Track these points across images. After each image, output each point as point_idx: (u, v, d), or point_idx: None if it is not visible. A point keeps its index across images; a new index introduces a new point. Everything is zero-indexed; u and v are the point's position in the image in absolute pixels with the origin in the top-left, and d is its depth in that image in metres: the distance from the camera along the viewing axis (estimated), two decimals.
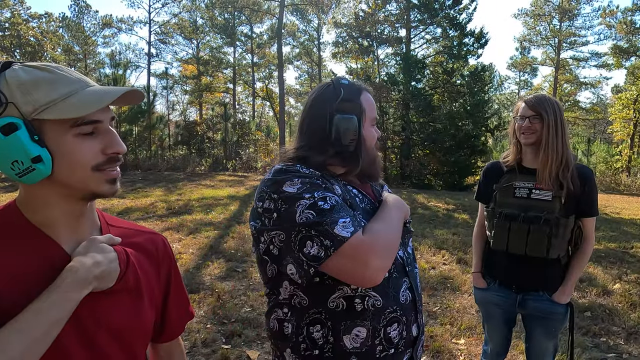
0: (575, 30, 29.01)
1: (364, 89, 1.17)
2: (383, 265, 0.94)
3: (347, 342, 1.01)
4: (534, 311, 1.86)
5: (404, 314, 1.06)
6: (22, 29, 27.87)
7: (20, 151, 0.65)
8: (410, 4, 16.07)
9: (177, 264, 0.96)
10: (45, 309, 0.64)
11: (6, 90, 0.66)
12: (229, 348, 2.96)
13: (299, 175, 1.02)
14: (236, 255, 5.20)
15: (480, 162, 15.91)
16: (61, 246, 0.74)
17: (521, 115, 1.82)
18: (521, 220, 1.78)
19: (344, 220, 0.94)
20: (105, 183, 0.73)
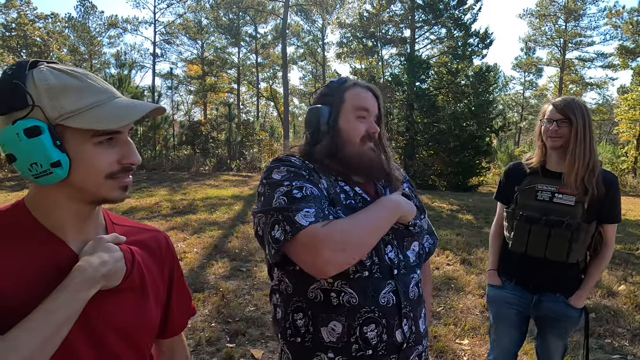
0: (581, 30, 28.87)
1: (355, 84, 1.19)
2: (334, 259, 0.92)
3: (324, 335, 1.04)
4: (548, 312, 1.85)
5: (384, 317, 1.04)
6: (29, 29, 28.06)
7: (42, 155, 0.66)
8: (414, 5, 16.04)
9: (179, 261, 0.97)
10: (55, 309, 0.65)
11: (34, 92, 0.67)
12: (234, 347, 2.97)
13: (287, 164, 1.08)
14: (240, 254, 5.22)
15: (484, 162, 15.85)
16: (69, 246, 0.75)
17: (548, 118, 1.80)
18: (542, 223, 1.77)
19: (307, 210, 0.96)
20: (117, 190, 0.75)
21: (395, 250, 1.10)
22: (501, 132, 16.43)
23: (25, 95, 0.66)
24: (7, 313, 0.65)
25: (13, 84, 0.67)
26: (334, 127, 1.14)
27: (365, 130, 1.15)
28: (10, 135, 0.66)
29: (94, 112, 0.69)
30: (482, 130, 15.18)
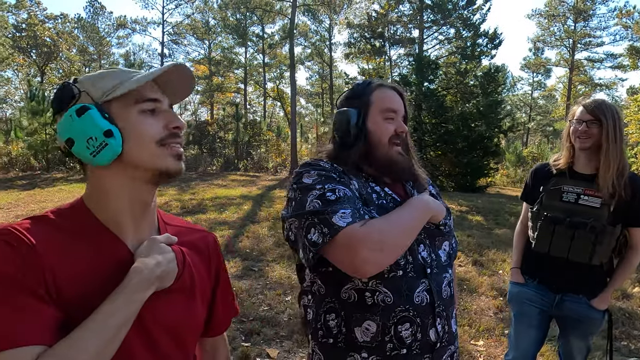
0: (590, 31, 28.63)
1: (380, 85, 1.20)
2: (372, 258, 0.94)
3: (358, 335, 1.03)
4: (570, 313, 1.85)
5: (418, 316, 1.04)
6: (39, 29, 28.31)
7: (94, 127, 0.71)
8: (423, 5, 16.00)
9: (224, 262, 0.98)
10: (115, 310, 0.66)
11: (78, 84, 0.76)
12: (249, 346, 2.99)
13: (317, 168, 1.09)
14: (252, 254, 5.24)
15: (493, 163, 15.75)
16: (125, 244, 0.77)
17: (578, 119, 1.79)
18: (567, 224, 1.76)
19: (344, 211, 0.97)
20: (171, 158, 0.76)
21: (427, 250, 1.11)
22: (510, 132, 16.32)
23: (71, 89, 0.74)
24: (68, 307, 0.67)
25: (63, 86, 0.76)
26: (363, 129, 1.15)
27: (394, 131, 1.17)
28: (65, 120, 0.73)
29: (129, 81, 0.75)
30: (491, 131, 15.08)
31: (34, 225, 0.71)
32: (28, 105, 14.91)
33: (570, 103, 28.54)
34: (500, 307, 3.82)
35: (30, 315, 0.62)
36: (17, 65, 28.80)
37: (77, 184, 11.80)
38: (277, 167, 18.62)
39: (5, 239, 0.67)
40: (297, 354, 2.95)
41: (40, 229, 0.71)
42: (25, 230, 0.69)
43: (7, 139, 15.21)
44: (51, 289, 0.66)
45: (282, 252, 5.35)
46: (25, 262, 0.65)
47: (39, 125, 14.79)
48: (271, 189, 11.58)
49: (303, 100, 37.42)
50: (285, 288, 4.13)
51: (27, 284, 0.64)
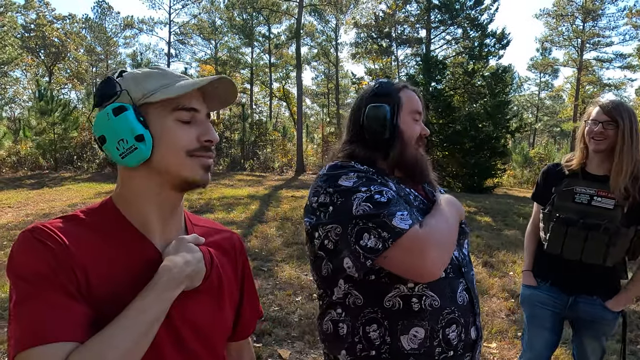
0: (599, 30, 28.39)
1: (406, 87, 1.18)
2: (440, 259, 0.93)
3: (404, 343, 0.99)
4: (583, 314, 1.82)
5: (462, 316, 1.03)
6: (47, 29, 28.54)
7: (127, 129, 0.70)
8: (430, 5, 15.93)
9: (249, 264, 0.97)
10: (147, 307, 0.66)
11: (121, 81, 0.75)
12: (261, 346, 2.98)
13: (354, 170, 1.04)
14: (261, 254, 5.24)
15: (500, 164, 15.65)
16: (154, 245, 0.76)
17: (594, 120, 1.76)
18: (579, 226, 1.74)
19: (401, 213, 0.94)
20: (199, 169, 0.76)
21: (457, 249, 1.10)
22: (517, 133, 16.21)
23: (114, 85, 0.73)
24: (99, 305, 0.67)
25: (106, 79, 0.75)
26: (396, 128, 1.12)
27: (419, 132, 1.15)
28: (101, 117, 0.73)
29: (171, 87, 0.74)
30: (498, 132, 15.00)
31: (65, 224, 0.71)
32: (36, 104, 15.02)
33: (578, 104, 28.42)
34: (512, 309, 3.79)
35: (62, 312, 0.62)
36: (26, 65, 29.05)
37: (84, 183, 11.87)
38: (283, 167, 18.63)
39: (38, 237, 0.67)
40: (308, 355, 2.93)
41: (71, 228, 0.71)
42: (57, 229, 0.69)
43: (16, 138, 15.33)
44: (82, 287, 0.66)
45: (291, 252, 5.34)
46: (57, 260, 0.65)
47: (47, 124, 14.90)
48: (278, 189, 11.58)
49: (309, 100, 37.45)
50: (295, 288, 4.12)
51: (59, 282, 0.64)
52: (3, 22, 24.24)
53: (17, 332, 0.61)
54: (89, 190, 10.38)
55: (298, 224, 6.96)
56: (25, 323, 0.61)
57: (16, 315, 0.62)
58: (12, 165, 14.80)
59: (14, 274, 0.65)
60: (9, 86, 30.00)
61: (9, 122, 19.38)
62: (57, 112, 15.06)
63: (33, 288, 0.63)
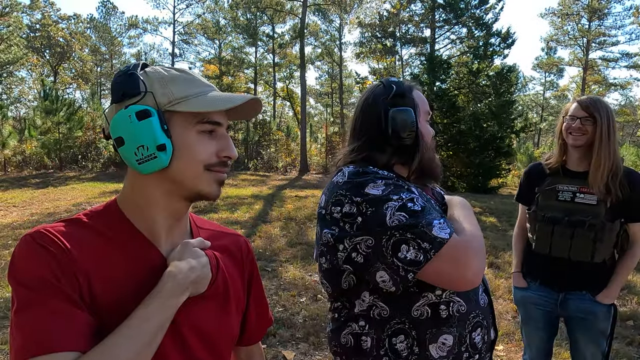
0: (605, 29, 28.18)
1: (413, 86, 1.15)
2: (482, 266, 0.92)
3: (433, 352, 0.97)
4: (575, 312, 1.82)
5: (485, 318, 1.04)
6: (52, 29, 28.68)
7: (149, 137, 0.67)
8: (435, 4, 15.86)
9: (257, 267, 0.94)
10: (150, 315, 0.64)
11: (146, 80, 0.70)
12: (265, 348, 2.96)
13: (379, 177, 0.98)
14: (264, 254, 5.22)
15: (504, 164, 15.57)
16: (159, 250, 0.74)
17: (572, 116, 1.78)
18: (565, 224, 1.75)
19: (439, 221, 0.91)
20: (214, 183, 0.74)
21: None
22: (522, 133, 16.12)
23: (138, 83, 0.69)
24: (102, 312, 0.65)
25: (128, 75, 0.70)
26: (417, 129, 1.07)
27: (433, 134, 1.14)
28: (122, 118, 0.68)
29: (200, 99, 0.71)
30: (503, 131, 14.92)
31: (68, 228, 0.69)
32: (42, 104, 15.09)
33: None
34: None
35: (64, 320, 0.60)
36: (31, 65, 29.21)
37: (89, 182, 11.91)
38: (286, 167, 18.62)
39: (40, 242, 0.65)
40: (313, 356, 2.91)
41: (74, 232, 0.69)
42: (59, 233, 0.67)
43: (21, 137, 15.41)
44: (85, 294, 0.64)
45: (295, 253, 5.32)
46: (59, 266, 0.63)
47: (52, 124, 14.96)
48: (282, 189, 11.57)
49: (312, 100, 37.43)
50: (299, 289, 4.10)
51: (62, 289, 0.62)
52: (8, 22, 24.37)
53: (19, 340, 0.59)
54: (94, 189, 10.41)
55: (302, 224, 6.94)
56: (27, 331, 0.59)
57: (17, 323, 0.60)
58: (17, 164, 14.87)
59: (15, 280, 0.63)
60: (14, 86, 30.18)
61: (14, 122, 19.48)
62: (62, 111, 15.13)
63: (35, 295, 0.61)
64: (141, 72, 0.71)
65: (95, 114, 17.12)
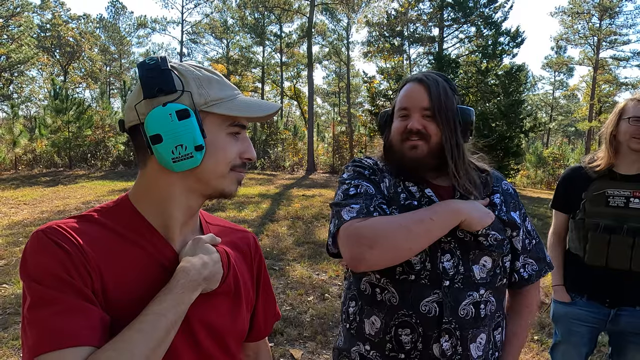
0: (616, 28, 27.81)
1: (407, 81, 1.16)
2: (361, 255, 0.95)
3: (366, 326, 1.08)
4: (628, 327, 1.70)
5: (421, 325, 1.00)
6: (62, 29, 28.97)
7: (189, 137, 0.68)
8: (443, 3, 15.77)
9: (265, 264, 0.94)
10: (165, 311, 0.63)
11: (182, 79, 0.70)
12: (273, 346, 2.96)
13: (356, 165, 1.15)
14: (272, 253, 5.22)
15: (513, 164, 15.44)
16: (171, 246, 0.74)
17: (635, 117, 1.64)
18: (624, 232, 1.62)
19: (353, 206, 1.02)
20: (235, 183, 0.76)
21: (455, 261, 1.02)
22: (531, 133, 15.97)
23: (174, 81, 0.69)
24: (114, 308, 0.65)
25: (162, 71, 0.69)
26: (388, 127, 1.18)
27: (404, 127, 1.08)
28: (162, 115, 0.67)
29: (235, 102, 0.74)
30: (512, 131, 14.80)
31: (80, 224, 0.69)
32: (52, 103, 15.25)
33: (594, 103, 27.89)
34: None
35: (78, 316, 0.60)
36: (42, 65, 29.52)
37: (98, 180, 12.01)
38: (293, 166, 18.63)
39: (52, 237, 0.64)
40: (321, 355, 2.91)
41: (86, 228, 0.69)
42: (71, 229, 0.67)
43: (32, 136, 15.58)
44: (98, 290, 0.64)
45: (302, 252, 5.32)
46: (72, 262, 0.63)
47: (62, 123, 15.11)
48: (289, 188, 11.57)
49: (320, 99, 37.43)
50: (307, 288, 4.10)
51: (75, 285, 0.62)
52: (19, 22, 24.66)
53: (32, 337, 0.59)
54: (103, 187, 10.50)
55: (309, 223, 6.93)
56: (41, 327, 0.59)
57: (30, 320, 0.60)
58: (28, 162, 15.04)
59: (28, 276, 0.63)
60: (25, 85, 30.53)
61: (25, 121, 19.72)
62: (72, 110, 15.27)
63: (48, 291, 0.61)
64: (170, 66, 0.71)
65: (104, 112, 17.27)
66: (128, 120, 0.72)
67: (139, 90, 0.70)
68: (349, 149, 18.30)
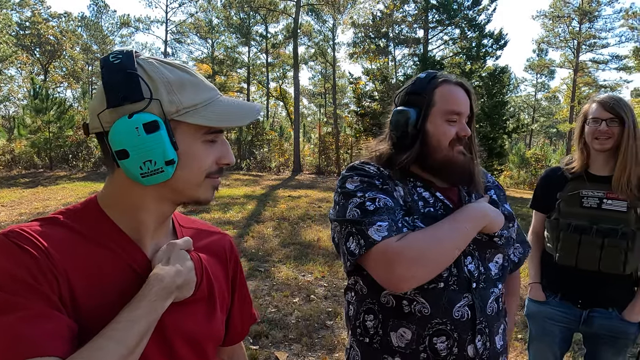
0: (596, 32, 28.48)
1: (445, 81, 1.10)
2: (409, 275, 0.91)
3: (393, 339, 1.03)
4: (600, 330, 1.70)
5: (456, 330, 1.00)
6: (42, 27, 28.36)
7: (159, 152, 0.63)
8: (428, 5, 15.92)
9: (242, 266, 0.92)
10: (137, 318, 0.61)
11: (150, 84, 0.63)
12: (257, 349, 2.93)
13: (361, 173, 1.06)
14: (257, 254, 5.18)
15: (497, 164, 15.68)
16: (143, 251, 0.71)
17: (595, 118, 1.65)
18: (594, 233, 1.62)
19: (380, 223, 0.95)
20: (211, 189, 0.72)
21: (475, 262, 1.05)
22: (514, 134, 16.24)
23: (141, 87, 0.62)
24: (82, 315, 0.62)
25: (128, 74, 0.62)
26: (422, 131, 1.07)
27: (455, 134, 1.07)
28: (126, 129, 0.61)
29: (211, 108, 0.67)
30: (495, 132, 15.03)
31: (45, 227, 0.65)
32: (31, 103, 14.89)
33: (574, 105, 28.49)
34: None
35: (44, 324, 0.57)
36: (21, 64, 28.82)
37: (79, 182, 11.77)
38: (279, 167, 18.57)
39: (16, 241, 0.61)
40: (306, 357, 2.89)
41: (51, 232, 0.65)
42: (36, 233, 0.63)
43: (10, 136, 15.19)
44: (65, 295, 0.61)
45: (288, 253, 5.29)
46: (37, 266, 0.59)
47: (42, 123, 14.77)
48: (275, 189, 11.52)
49: (306, 100, 37.39)
50: (292, 289, 4.07)
51: (41, 290, 0.58)
52: None
53: None
54: (84, 189, 10.28)
55: (295, 224, 6.90)
56: (4, 337, 0.55)
57: None
58: (6, 163, 14.65)
59: None
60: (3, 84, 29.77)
61: (3, 121, 19.23)
62: (52, 110, 14.94)
63: (12, 297, 0.57)
64: (139, 67, 0.64)
65: (86, 112, 16.94)
66: (92, 127, 0.66)
67: (102, 96, 0.63)
68: (335, 149, 18.31)
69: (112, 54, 0.65)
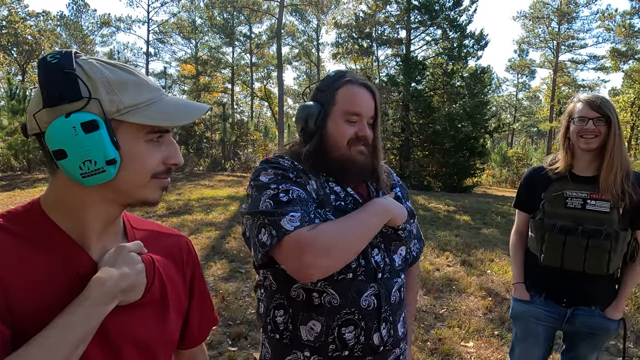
0: (574, 33, 29.13)
1: (349, 81, 1.12)
2: (318, 263, 0.93)
3: (302, 333, 1.05)
4: (582, 327, 1.72)
5: (363, 319, 1.05)
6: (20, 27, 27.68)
7: (99, 151, 0.62)
8: (410, 5, 16.03)
9: (201, 268, 0.92)
10: (73, 325, 0.59)
11: (89, 84, 0.62)
12: (236, 350, 2.91)
13: (275, 166, 1.07)
14: (239, 255, 5.15)
15: (479, 163, 15.89)
16: (88, 253, 0.70)
17: (581, 117, 1.63)
18: (579, 234, 1.62)
19: (293, 214, 0.97)
20: (158, 190, 0.71)
21: (382, 254, 1.11)
22: (495, 133, 16.48)
23: (79, 87, 0.61)
24: (18, 322, 0.60)
25: (65, 74, 0.61)
26: (321, 128, 1.11)
27: (354, 134, 1.11)
28: (63, 129, 0.60)
29: (154, 108, 0.66)
30: (477, 132, 15.23)
31: None
32: (8, 104, 14.54)
33: (554, 104, 29.07)
34: (490, 308, 3.81)
35: None
36: None
37: None
38: None
39: None
40: None
41: None
42: None
43: None
44: (0, 301, 0.59)
45: None
46: None
47: (19, 124, 14.41)
48: None
49: (290, 100, 37.32)
50: None
51: None
52: None
53: None
54: None
55: None
56: None
57: None
58: None
59: None
60: None
61: None
62: None
63: None
64: (78, 67, 0.62)
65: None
66: (30, 128, 0.65)
67: (39, 96, 0.62)
68: None
69: (50, 54, 0.64)
